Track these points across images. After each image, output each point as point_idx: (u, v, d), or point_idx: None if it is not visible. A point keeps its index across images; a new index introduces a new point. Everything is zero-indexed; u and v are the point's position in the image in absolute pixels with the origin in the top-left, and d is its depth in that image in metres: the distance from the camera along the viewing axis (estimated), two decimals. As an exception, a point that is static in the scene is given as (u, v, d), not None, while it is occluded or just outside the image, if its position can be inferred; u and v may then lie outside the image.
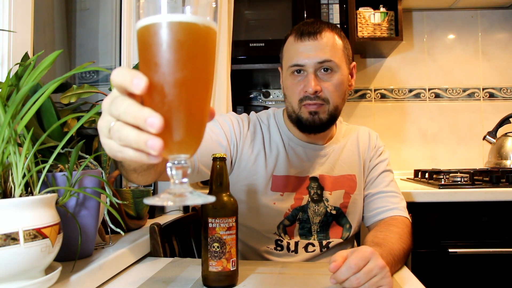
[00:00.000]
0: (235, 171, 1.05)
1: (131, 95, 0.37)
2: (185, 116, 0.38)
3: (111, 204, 0.74)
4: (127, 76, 0.36)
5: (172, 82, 0.37)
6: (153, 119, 0.35)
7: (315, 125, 0.99)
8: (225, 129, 1.02)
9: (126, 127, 0.36)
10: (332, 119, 1.00)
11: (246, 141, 1.04)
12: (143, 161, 0.37)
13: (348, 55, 1.03)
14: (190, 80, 0.38)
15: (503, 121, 1.97)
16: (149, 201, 0.38)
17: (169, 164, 0.39)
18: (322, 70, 0.97)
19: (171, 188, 0.39)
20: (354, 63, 1.06)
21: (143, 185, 0.83)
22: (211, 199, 0.39)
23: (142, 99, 0.38)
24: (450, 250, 1.46)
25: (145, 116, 0.35)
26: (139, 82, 0.36)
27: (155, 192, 1.52)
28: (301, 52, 0.97)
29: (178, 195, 0.38)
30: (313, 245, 1.04)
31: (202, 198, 0.38)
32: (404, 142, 2.25)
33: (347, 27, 1.84)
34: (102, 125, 0.39)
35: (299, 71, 0.99)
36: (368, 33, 2.00)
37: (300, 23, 1.03)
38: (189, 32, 0.38)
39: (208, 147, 0.95)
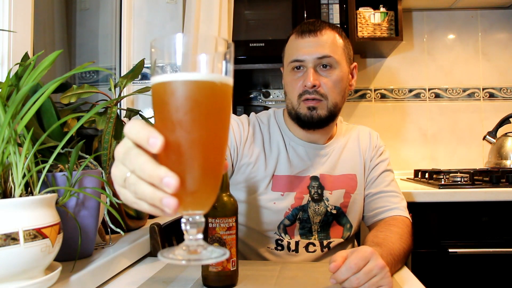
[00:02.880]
0: (235, 174, 1.05)
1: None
2: (201, 175, 0.38)
3: (111, 204, 0.74)
4: (142, 134, 0.36)
5: (189, 141, 0.37)
6: (169, 180, 0.34)
7: (313, 121, 0.99)
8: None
9: (141, 183, 0.36)
10: (331, 116, 1.00)
11: (246, 144, 1.04)
12: (157, 215, 0.37)
13: (349, 54, 1.03)
14: (207, 139, 0.38)
15: (503, 121, 1.97)
16: (164, 258, 0.37)
17: (183, 220, 0.39)
18: (322, 66, 0.98)
19: (186, 243, 0.39)
20: (355, 63, 1.06)
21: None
22: (226, 255, 0.38)
23: (157, 154, 0.38)
24: (450, 250, 1.46)
25: (161, 176, 0.35)
26: (156, 142, 0.35)
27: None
28: (301, 48, 0.98)
29: (192, 251, 0.38)
30: (314, 245, 1.04)
31: (216, 254, 0.38)
32: (404, 142, 2.25)
33: (347, 27, 1.84)
34: (117, 174, 0.38)
35: (298, 67, 0.99)
36: (368, 33, 2.00)
37: (301, 23, 1.03)
38: (206, 91, 0.37)
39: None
